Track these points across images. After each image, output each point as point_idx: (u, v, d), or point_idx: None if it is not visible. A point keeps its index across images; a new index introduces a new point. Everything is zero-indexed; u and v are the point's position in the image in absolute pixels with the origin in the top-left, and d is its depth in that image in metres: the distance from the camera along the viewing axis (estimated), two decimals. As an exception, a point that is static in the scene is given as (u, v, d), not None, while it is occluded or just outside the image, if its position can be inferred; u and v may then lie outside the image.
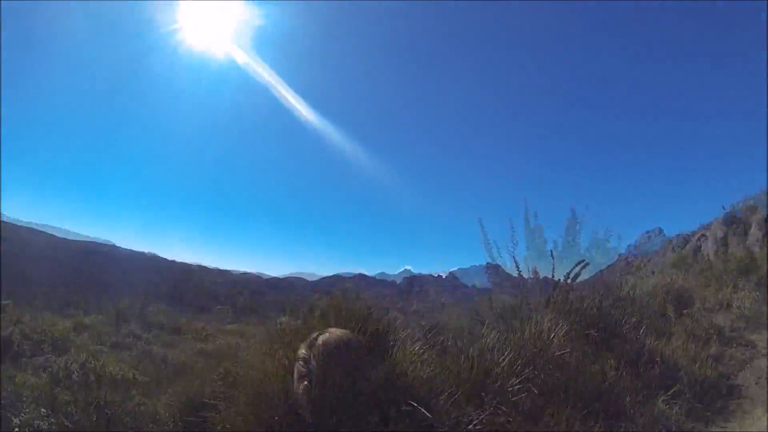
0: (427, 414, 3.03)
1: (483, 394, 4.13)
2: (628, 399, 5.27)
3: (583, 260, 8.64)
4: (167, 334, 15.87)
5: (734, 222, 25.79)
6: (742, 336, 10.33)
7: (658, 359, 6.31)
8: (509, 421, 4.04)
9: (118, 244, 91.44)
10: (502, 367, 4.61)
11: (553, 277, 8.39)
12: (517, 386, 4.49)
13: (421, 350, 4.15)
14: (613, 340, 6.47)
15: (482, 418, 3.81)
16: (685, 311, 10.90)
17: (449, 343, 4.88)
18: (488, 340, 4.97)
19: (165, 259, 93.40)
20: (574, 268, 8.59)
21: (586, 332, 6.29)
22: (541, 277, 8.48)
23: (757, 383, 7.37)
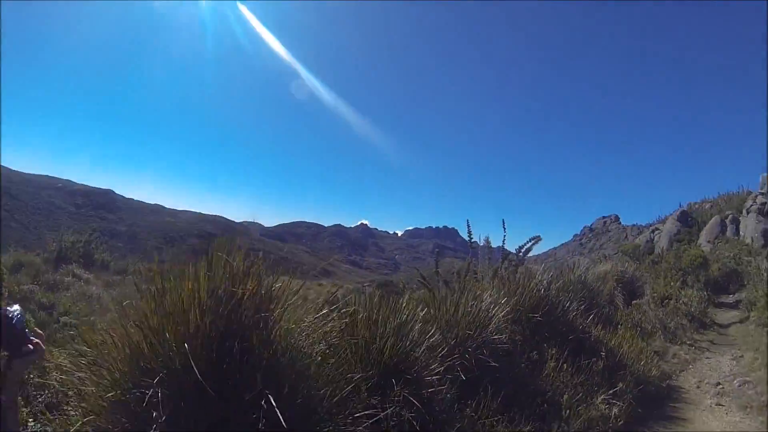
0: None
1: (394, 382, 3.32)
2: (566, 396, 4.63)
3: (537, 235, 8.19)
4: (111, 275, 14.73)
5: (689, 221, 26.26)
6: (687, 334, 10.03)
7: (603, 352, 5.68)
8: (422, 415, 3.24)
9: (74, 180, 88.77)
10: (423, 351, 3.83)
11: (503, 247, 7.87)
12: (437, 375, 3.71)
13: (318, 325, 3.19)
14: (558, 326, 5.82)
15: (386, 414, 3.04)
16: (634, 302, 10.51)
17: (362, 315, 3.99)
18: (409, 315, 4.13)
19: (122, 196, 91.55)
20: (527, 242, 8.12)
21: (530, 315, 5.61)
22: (493, 247, 7.97)
23: (698, 387, 6.94)
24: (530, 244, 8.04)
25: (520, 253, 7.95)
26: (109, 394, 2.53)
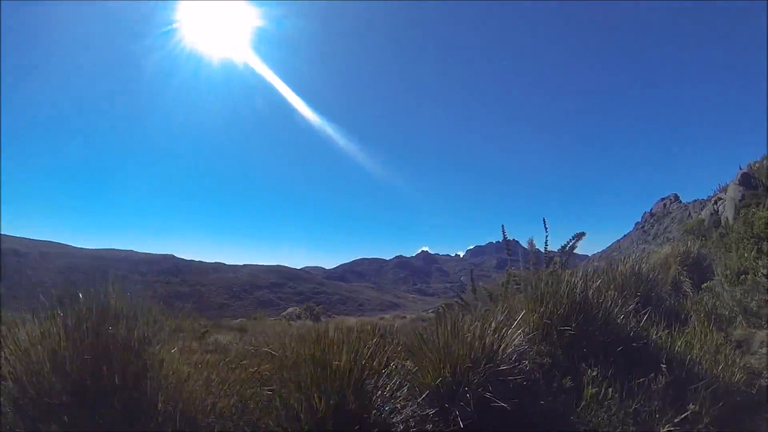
0: None
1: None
2: (614, 431, 3.43)
3: (581, 231, 7.10)
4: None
5: (752, 182, 24.02)
6: (773, 312, 8.48)
7: (664, 361, 4.38)
8: None
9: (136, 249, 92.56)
10: (390, 393, 2.87)
11: (546, 249, 6.80)
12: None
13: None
14: (599, 336, 4.58)
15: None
16: (704, 285, 9.02)
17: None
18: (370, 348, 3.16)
19: (182, 259, 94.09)
20: (570, 240, 7.00)
21: (561, 328, 4.43)
22: (541, 250, 6.88)
23: (798, 383, 5.52)
24: (573, 241, 7.01)
25: (564, 253, 6.89)
26: None
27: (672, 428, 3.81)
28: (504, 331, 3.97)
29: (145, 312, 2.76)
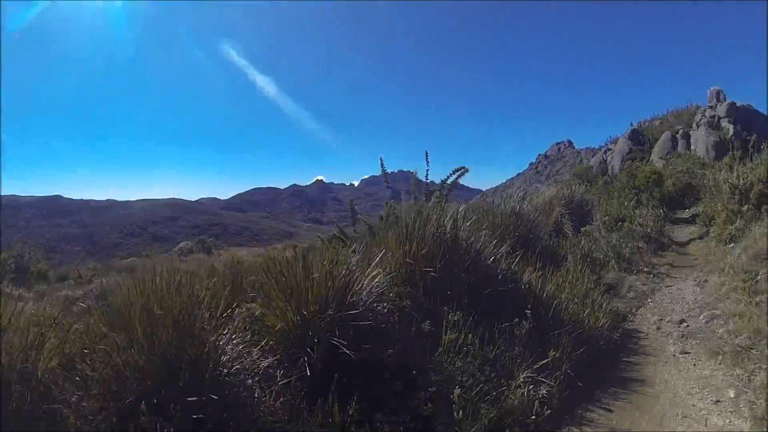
0: None
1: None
2: (456, 391, 3.09)
3: (462, 166, 6.76)
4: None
5: (640, 138, 25.33)
6: (644, 259, 8.76)
7: (529, 306, 4.12)
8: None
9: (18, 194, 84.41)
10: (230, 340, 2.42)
11: (426, 181, 6.52)
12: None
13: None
14: (466, 279, 4.25)
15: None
16: (583, 228, 9.15)
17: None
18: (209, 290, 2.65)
19: (70, 199, 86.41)
20: (450, 174, 6.69)
21: (425, 268, 4.04)
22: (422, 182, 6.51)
23: (659, 328, 5.59)
24: (455, 176, 6.70)
25: (444, 187, 6.57)
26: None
27: (531, 374, 3.60)
28: (360, 271, 3.53)
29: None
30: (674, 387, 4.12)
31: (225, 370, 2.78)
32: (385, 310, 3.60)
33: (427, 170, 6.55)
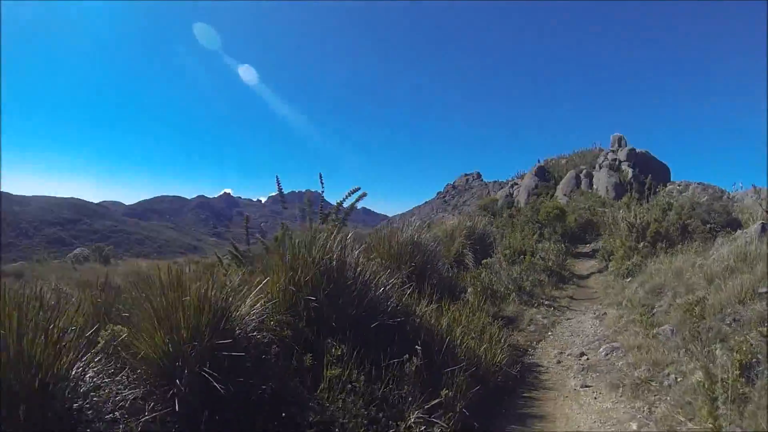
0: None
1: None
2: (351, 420, 2.68)
3: (356, 187, 6.56)
4: None
5: (546, 175, 26.46)
6: (545, 292, 8.77)
7: (419, 343, 3.74)
8: None
9: None
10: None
11: (320, 203, 6.32)
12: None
13: None
14: (353, 310, 3.84)
15: None
16: (484, 261, 9.04)
17: None
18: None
19: None
20: (345, 196, 6.43)
21: (308, 297, 3.60)
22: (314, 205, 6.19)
23: (559, 362, 5.45)
24: (352, 198, 6.44)
25: (339, 210, 6.26)
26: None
27: (423, 414, 3.23)
28: (239, 296, 3.10)
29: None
30: (576, 422, 3.93)
31: (81, 401, 2.36)
32: (265, 340, 3.22)
33: (322, 191, 6.37)
